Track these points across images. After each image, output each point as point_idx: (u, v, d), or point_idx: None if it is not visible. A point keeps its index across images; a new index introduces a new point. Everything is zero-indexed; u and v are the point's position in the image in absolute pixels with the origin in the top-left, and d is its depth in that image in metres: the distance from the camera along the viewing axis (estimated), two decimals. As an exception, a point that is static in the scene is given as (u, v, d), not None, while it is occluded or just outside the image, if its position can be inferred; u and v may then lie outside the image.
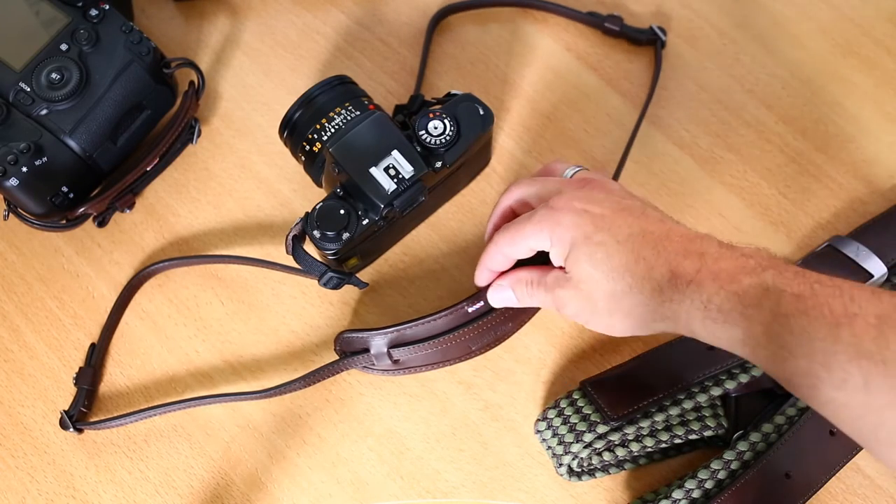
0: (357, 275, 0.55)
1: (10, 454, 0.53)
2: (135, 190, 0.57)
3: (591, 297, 0.42)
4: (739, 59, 0.60)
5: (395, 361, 0.51)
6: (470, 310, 0.49)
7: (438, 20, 0.62)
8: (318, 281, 0.51)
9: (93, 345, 0.55)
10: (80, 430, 0.52)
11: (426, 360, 0.51)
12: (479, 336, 0.51)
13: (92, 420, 0.53)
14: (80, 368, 0.54)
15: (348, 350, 0.52)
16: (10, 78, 0.52)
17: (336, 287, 0.52)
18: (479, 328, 0.50)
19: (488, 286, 0.48)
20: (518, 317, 0.52)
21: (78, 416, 0.52)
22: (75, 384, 0.53)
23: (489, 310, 0.50)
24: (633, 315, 0.41)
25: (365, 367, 0.52)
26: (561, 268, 0.44)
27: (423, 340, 0.50)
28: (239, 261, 0.55)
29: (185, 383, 0.54)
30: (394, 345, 0.50)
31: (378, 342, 0.50)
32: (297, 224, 0.50)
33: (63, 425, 0.52)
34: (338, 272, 0.51)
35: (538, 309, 0.53)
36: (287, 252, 0.50)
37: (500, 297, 0.48)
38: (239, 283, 0.56)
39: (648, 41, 0.60)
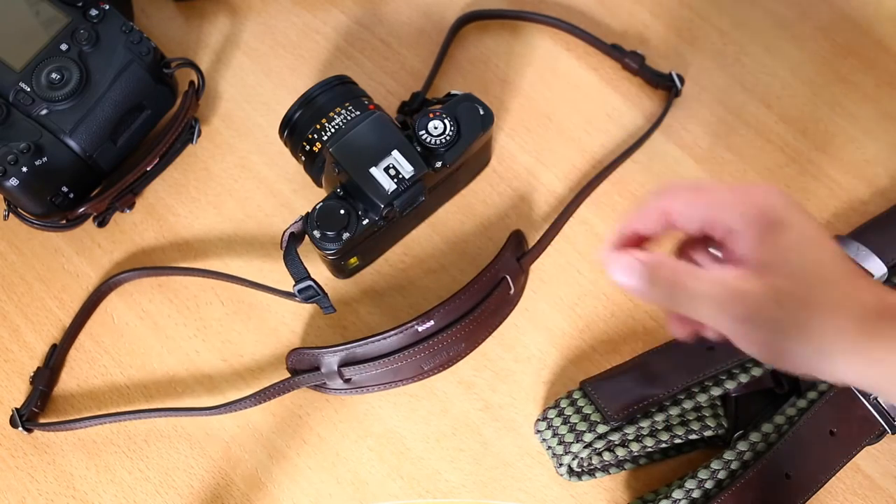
0: (356, 276, 0.55)
1: (10, 454, 0.53)
2: (135, 190, 0.57)
3: (794, 291, 0.32)
4: (739, 59, 0.60)
5: (347, 381, 0.50)
6: (420, 329, 0.49)
7: (459, 27, 0.60)
8: (294, 286, 0.50)
9: (54, 345, 0.54)
10: (29, 430, 0.52)
11: (378, 380, 0.51)
12: (430, 356, 0.50)
13: (42, 421, 0.53)
14: (38, 369, 0.53)
15: (300, 368, 0.51)
16: (10, 78, 0.52)
17: (307, 300, 0.50)
18: (430, 348, 0.50)
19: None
20: (472, 336, 0.52)
21: (29, 416, 0.52)
22: (31, 383, 0.53)
23: (440, 329, 0.49)
24: (839, 317, 0.32)
25: (317, 386, 0.51)
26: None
27: (373, 359, 0.49)
28: (207, 275, 0.55)
29: (185, 383, 0.54)
30: (344, 363, 0.49)
31: (329, 360, 0.49)
32: (296, 221, 0.49)
33: (13, 423, 0.52)
34: (317, 285, 0.50)
35: (494, 329, 0.53)
36: (280, 247, 0.50)
37: (621, 269, 0.35)
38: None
39: (664, 87, 0.59)
